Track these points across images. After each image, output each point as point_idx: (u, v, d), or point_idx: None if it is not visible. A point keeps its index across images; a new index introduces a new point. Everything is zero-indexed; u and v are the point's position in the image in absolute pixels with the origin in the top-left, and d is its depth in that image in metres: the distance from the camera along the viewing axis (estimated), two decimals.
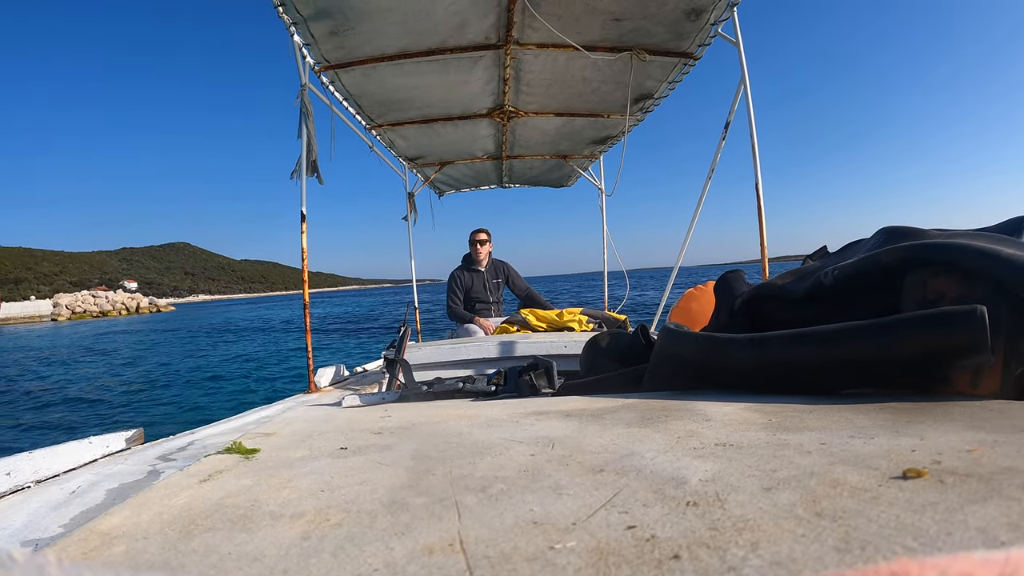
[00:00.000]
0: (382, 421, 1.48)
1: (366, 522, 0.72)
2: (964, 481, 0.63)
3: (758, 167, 3.47)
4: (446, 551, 0.60)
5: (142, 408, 11.44)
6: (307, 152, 3.49)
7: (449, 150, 5.79)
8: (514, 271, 5.64)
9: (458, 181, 7.12)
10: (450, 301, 5.39)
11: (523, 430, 1.20)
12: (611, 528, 0.61)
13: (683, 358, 1.56)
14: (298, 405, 2.36)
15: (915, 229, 1.44)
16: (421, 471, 0.95)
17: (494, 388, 2.15)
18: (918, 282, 1.24)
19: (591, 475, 0.83)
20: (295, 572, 0.59)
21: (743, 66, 3.52)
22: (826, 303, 1.45)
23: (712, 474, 0.77)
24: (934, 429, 0.88)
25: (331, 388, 3.45)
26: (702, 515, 0.62)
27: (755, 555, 0.51)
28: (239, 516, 0.79)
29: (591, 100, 4.52)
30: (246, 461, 1.13)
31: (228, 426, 1.99)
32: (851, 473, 0.71)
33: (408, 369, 2.48)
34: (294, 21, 3.05)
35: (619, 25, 3.37)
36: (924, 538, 0.50)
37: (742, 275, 1.98)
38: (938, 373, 1.13)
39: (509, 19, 3.26)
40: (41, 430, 9.65)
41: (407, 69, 3.75)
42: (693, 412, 1.20)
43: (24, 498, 1.23)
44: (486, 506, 0.73)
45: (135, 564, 0.66)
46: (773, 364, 1.31)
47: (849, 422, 0.99)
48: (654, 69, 3.90)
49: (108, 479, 1.33)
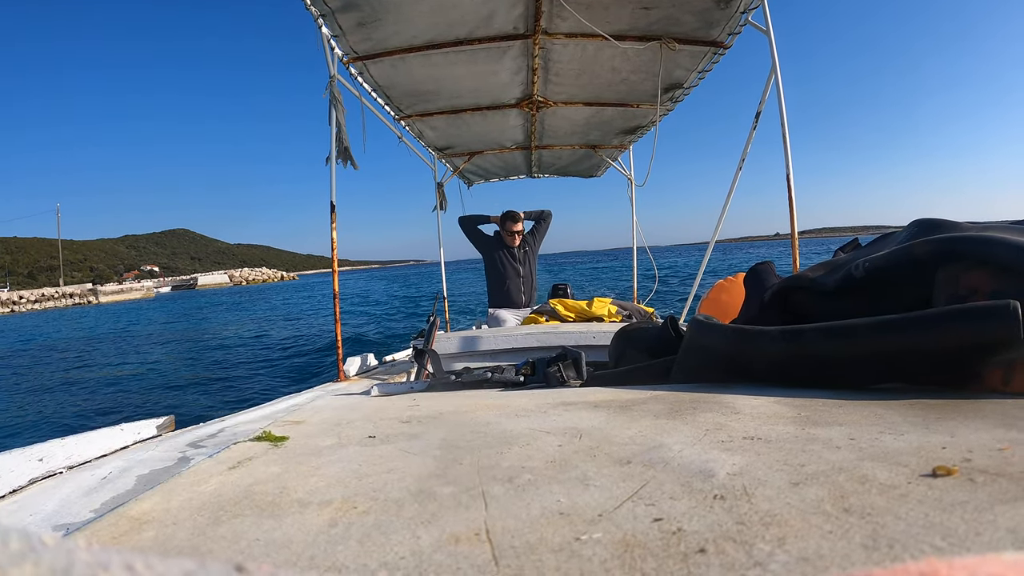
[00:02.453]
0: (410, 410, 1.50)
1: (393, 510, 0.73)
2: (994, 480, 0.62)
3: (789, 160, 3.39)
4: (472, 541, 0.61)
5: None
6: (337, 141, 3.50)
7: (478, 140, 5.79)
8: (534, 231, 5.63)
9: (487, 171, 7.13)
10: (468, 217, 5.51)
11: (551, 421, 1.20)
12: (637, 520, 0.62)
13: (713, 350, 1.55)
14: (327, 394, 2.39)
15: (948, 222, 1.41)
16: (449, 460, 0.96)
17: (522, 378, 2.15)
18: (950, 276, 1.22)
19: (618, 467, 0.83)
20: (322, 559, 0.60)
21: (774, 55, 3.45)
22: (857, 296, 1.43)
23: (740, 468, 0.77)
24: (965, 426, 0.87)
25: (360, 377, 3.49)
26: (729, 509, 0.62)
27: (782, 550, 0.51)
28: (267, 503, 0.80)
29: (620, 90, 4.48)
30: (275, 449, 1.14)
31: (258, 414, 2.02)
32: (880, 469, 0.70)
33: (437, 359, 2.50)
34: (322, 13, 3.07)
35: (648, 14, 3.33)
36: (953, 537, 0.50)
37: (772, 267, 1.96)
38: (970, 369, 1.11)
39: (537, 9, 3.24)
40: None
41: (435, 60, 3.75)
42: (722, 405, 1.20)
43: (56, 483, 1.26)
44: (513, 496, 0.74)
45: (164, 549, 0.67)
46: (803, 357, 1.30)
47: (879, 418, 0.98)
48: (684, 58, 3.84)
49: (139, 465, 1.35)
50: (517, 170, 7.23)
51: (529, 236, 5.51)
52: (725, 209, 4.45)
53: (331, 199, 3.47)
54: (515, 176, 7.53)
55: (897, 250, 1.35)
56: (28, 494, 1.21)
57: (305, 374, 10.82)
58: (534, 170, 7.19)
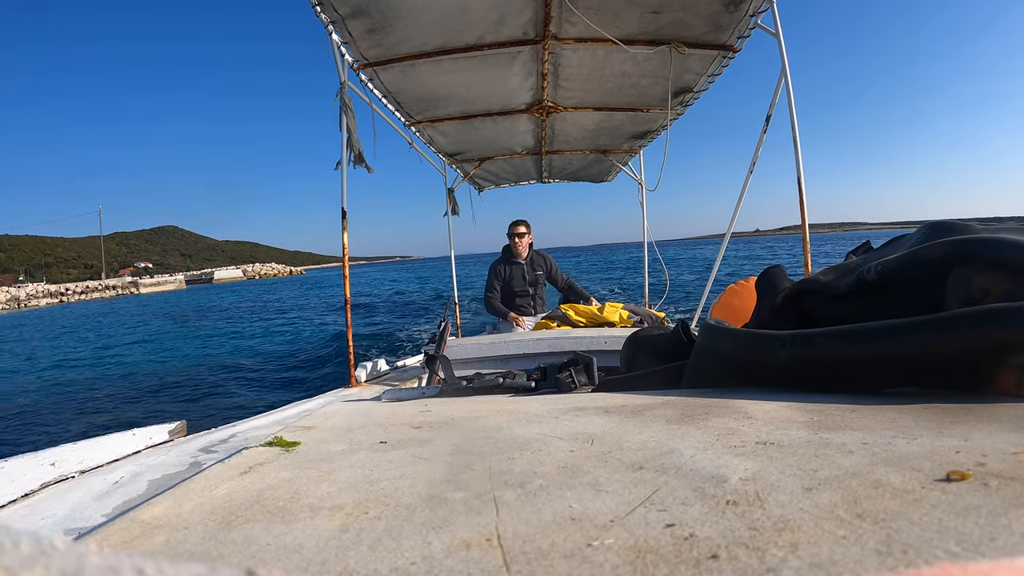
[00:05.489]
0: (422, 416, 1.50)
1: (404, 516, 0.73)
2: (1009, 484, 0.62)
3: (800, 163, 3.37)
4: (483, 546, 0.61)
5: None
6: (349, 147, 3.52)
7: (488, 146, 5.81)
8: (554, 264, 5.59)
9: (498, 177, 7.15)
10: (488, 292, 5.38)
11: (562, 426, 1.20)
12: (649, 526, 0.61)
13: (724, 354, 1.54)
14: (338, 399, 2.40)
15: (961, 223, 1.40)
16: (460, 466, 0.96)
17: (534, 384, 2.15)
18: (963, 278, 1.20)
19: (630, 472, 0.83)
20: (333, 564, 0.60)
21: (783, 58, 3.44)
22: (869, 299, 1.42)
23: (752, 473, 0.76)
24: (979, 430, 0.86)
25: (371, 383, 3.49)
26: (742, 514, 0.62)
27: (795, 556, 0.51)
28: (279, 508, 0.80)
29: (630, 94, 4.48)
30: (286, 454, 1.15)
31: (269, 419, 2.03)
32: (893, 474, 0.69)
33: (448, 364, 2.50)
34: (332, 20, 3.09)
35: (657, 18, 3.33)
36: (967, 543, 0.49)
37: (783, 271, 1.95)
38: (983, 372, 1.10)
39: (546, 14, 3.25)
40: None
41: (445, 66, 3.77)
42: (734, 410, 1.19)
43: (68, 488, 1.27)
44: (524, 502, 0.74)
45: (175, 553, 0.68)
46: (816, 361, 1.29)
47: (892, 422, 0.97)
48: (693, 62, 3.84)
49: (150, 470, 1.36)
50: (527, 175, 7.25)
51: (543, 266, 5.53)
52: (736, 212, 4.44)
53: (342, 205, 3.48)
54: (526, 181, 7.55)
55: (909, 253, 1.34)
56: (40, 498, 1.22)
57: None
58: (544, 175, 7.21)
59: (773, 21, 3.36)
